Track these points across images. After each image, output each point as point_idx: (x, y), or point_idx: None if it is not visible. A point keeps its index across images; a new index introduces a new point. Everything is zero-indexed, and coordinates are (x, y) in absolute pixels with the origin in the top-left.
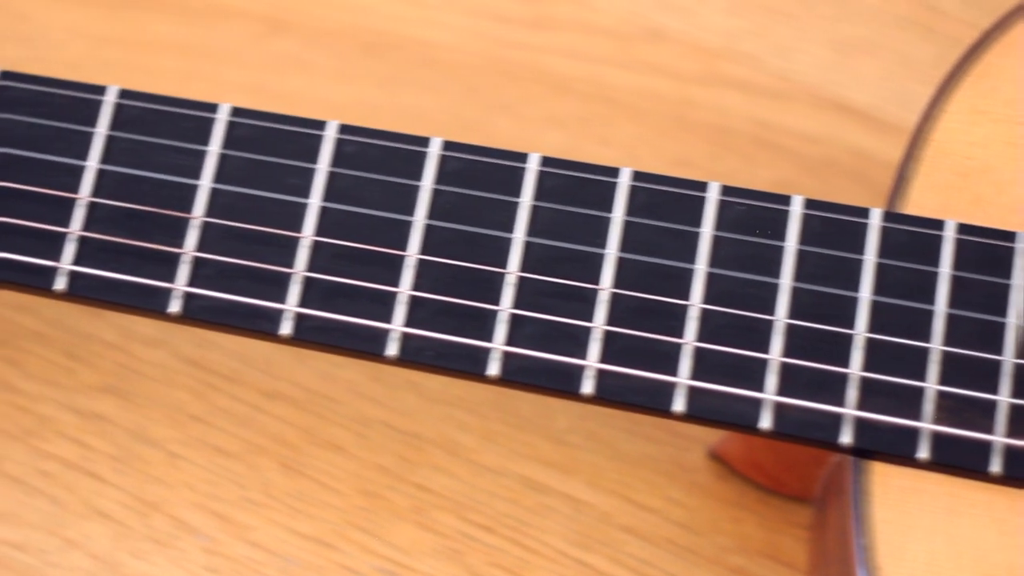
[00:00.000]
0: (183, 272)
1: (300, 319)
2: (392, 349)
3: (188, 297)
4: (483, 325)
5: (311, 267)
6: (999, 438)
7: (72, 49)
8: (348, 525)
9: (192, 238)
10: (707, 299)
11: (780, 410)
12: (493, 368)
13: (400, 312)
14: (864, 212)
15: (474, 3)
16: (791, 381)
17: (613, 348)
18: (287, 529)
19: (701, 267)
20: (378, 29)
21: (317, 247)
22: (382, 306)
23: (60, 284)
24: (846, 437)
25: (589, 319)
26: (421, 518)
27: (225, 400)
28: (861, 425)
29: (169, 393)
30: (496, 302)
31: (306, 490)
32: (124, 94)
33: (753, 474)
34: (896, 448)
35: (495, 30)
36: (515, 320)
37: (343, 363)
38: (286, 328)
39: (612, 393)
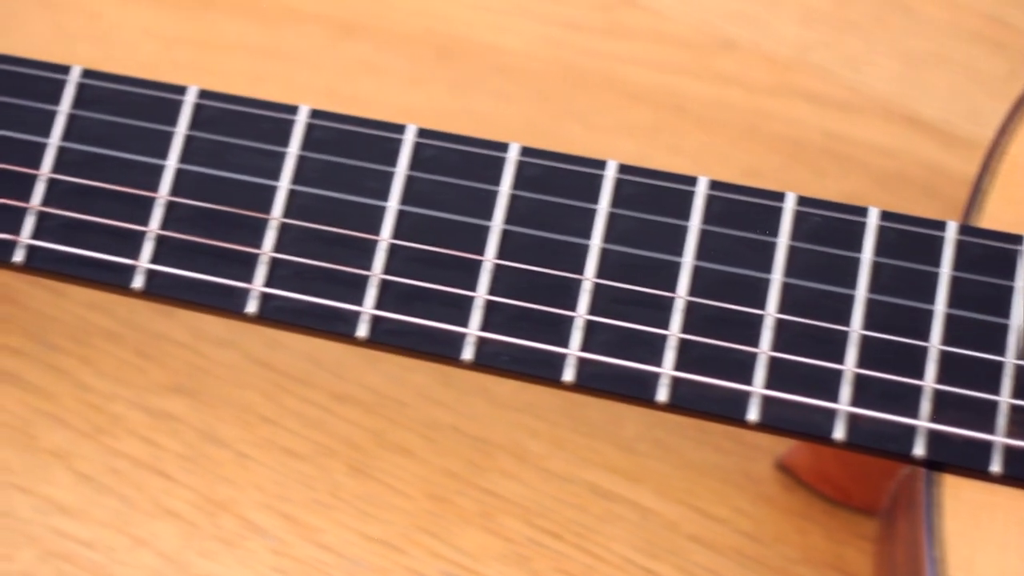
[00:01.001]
0: (260, 272)
1: (376, 321)
2: (468, 353)
3: (265, 297)
4: (559, 331)
5: (388, 270)
6: None
7: (144, 49)
8: (415, 528)
9: (270, 239)
10: (782, 309)
11: (853, 421)
12: (568, 374)
13: (476, 316)
14: (940, 225)
15: (548, 10)
16: (865, 392)
17: (688, 356)
18: (355, 531)
19: (777, 277)
20: (451, 34)
21: (394, 250)
22: (458, 310)
23: (137, 282)
24: (919, 449)
25: (665, 327)
26: (488, 523)
27: (295, 402)
28: (934, 437)
29: (239, 394)
30: (572, 308)
31: (374, 493)
32: (204, 94)
33: (820, 485)
34: (969, 461)
35: (568, 37)
36: (591, 326)
37: (413, 366)
38: (362, 330)
39: (687, 401)
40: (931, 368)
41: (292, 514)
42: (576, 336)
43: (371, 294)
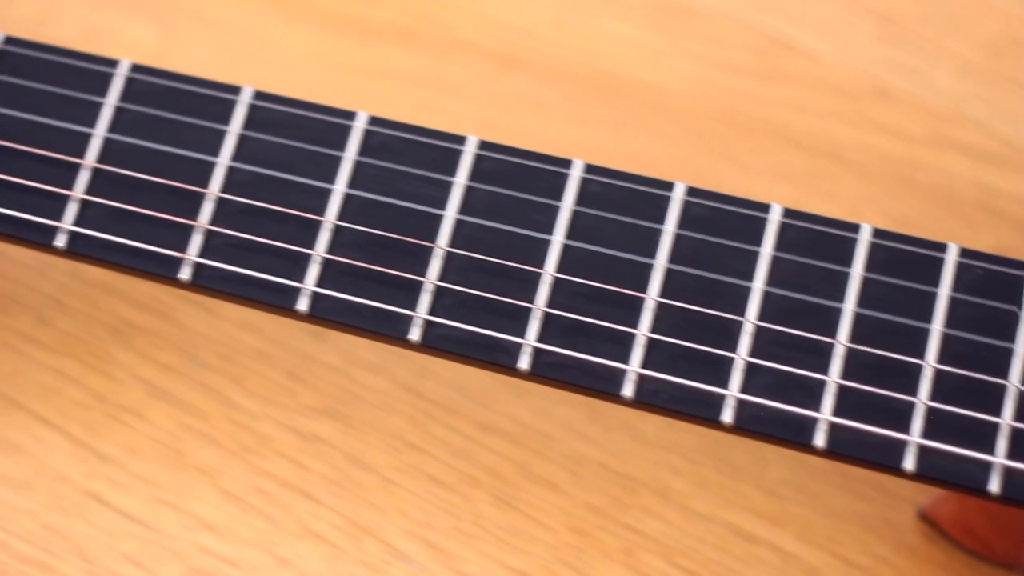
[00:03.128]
0: (424, 300)
1: (538, 354)
2: (628, 390)
3: (428, 325)
4: (719, 371)
5: (551, 303)
6: None
7: (309, 74)
8: (557, 561)
9: (434, 268)
10: (942, 359)
11: (1009, 474)
12: (727, 415)
13: (637, 353)
14: None
15: (706, 52)
16: (1022, 447)
17: (846, 402)
18: (497, 561)
19: (937, 327)
20: (611, 72)
21: (558, 284)
22: (620, 346)
23: (302, 305)
24: None
25: (824, 372)
26: (630, 559)
27: (442, 430)
28: None
29: (387, 419)
30: (733, 349)
31: (517, 524)
32: (374, 121)
33: (963, 537)
34: None
35: (727, 80)
36: (751, 368)
37: (560, 399)
38: (524, 363)
39: (843, 447)
40: None
41: (435, 541)
42: (736, 377)
43: (534, 327)
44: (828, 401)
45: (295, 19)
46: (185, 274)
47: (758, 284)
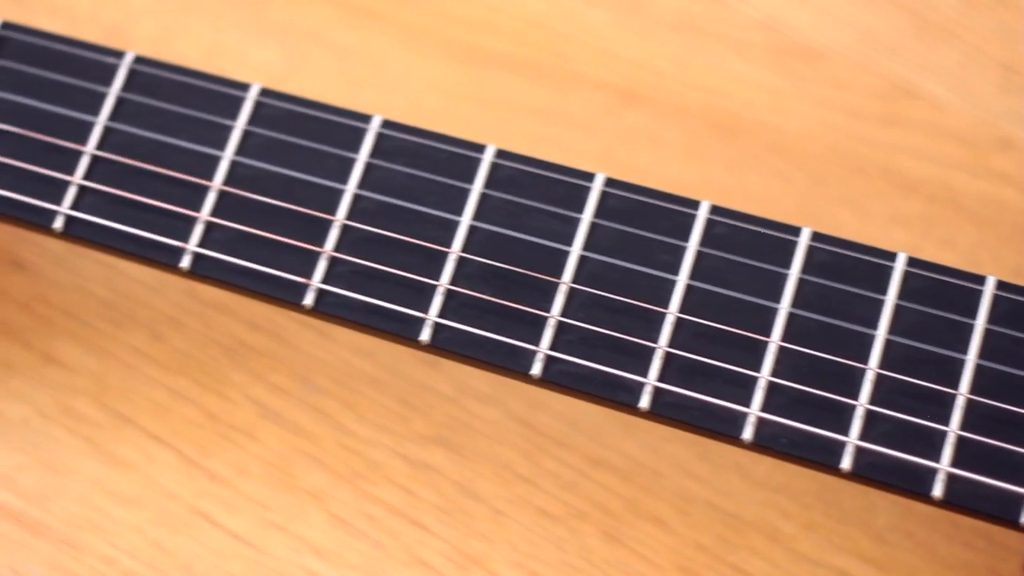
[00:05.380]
0: (547, 335)
1: (658, 393)
2: (747, 433)
3: (550, 360)
4: (839, 418)
5: (673, 343)
6: None
7: (427, 102)
8: None
9: (558, 303)
10: None
11: None
12: (846, 462)
13: (758, 397)
14: None
15: (827, 95)
16: None
17: (965, 454)
18: None
19: None
20: (731, 111)
21: (680, 324)
22: (741, 389)
23: (424, 335)
24: None
25: (945, 423)
26: None
27: (552, 463)
28: None
29: (498, 450)
30: (854, 396)
31: (625, 560)
32: (500, 154)
33: None
34: None
35: (847, 123)
36: (871, 416)
37: (671, 437)
38: (644, 401)
39: (961, 498)
40: None
41: (542, 574)
42: (857, 425)
43: (655, 366)
44: (947, 452)
45: (417, 47)
46: (309, 300)
47: (880, 332)
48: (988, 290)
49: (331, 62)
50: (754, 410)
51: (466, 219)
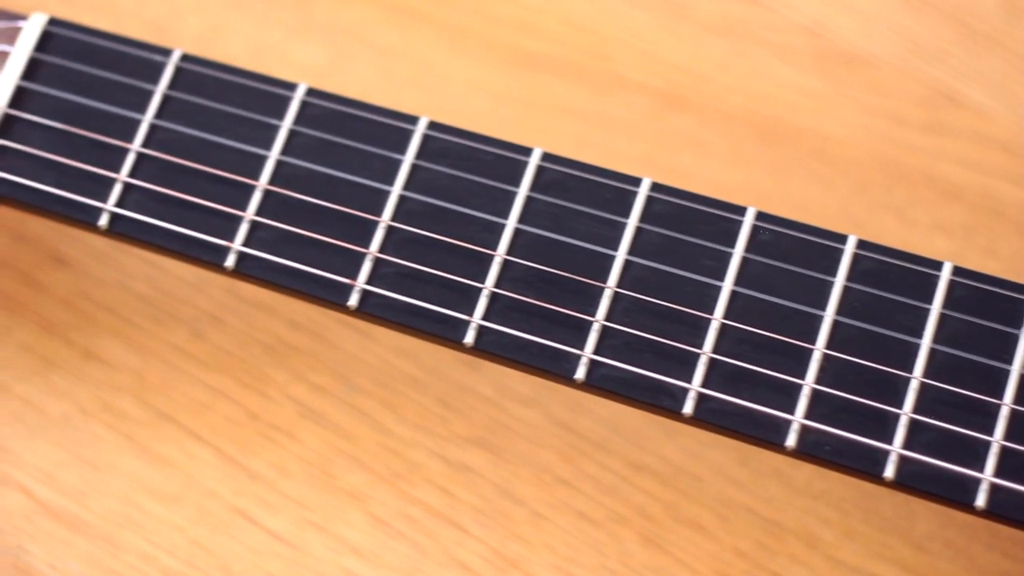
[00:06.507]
0: (591, 340)
1: (702, 399)
2: (791, 440)
3: (593, 364)
4: (883, 426)
5: (717, 349)
6: None
7: (471, 104)
8: None
9: (603, 307)
10: None
11: None
12: (889, 470)
13: (802, 404)
14: None
15: (871, 101)
16: None
17: (1009, 464)
18: None
19: None
20: (774, 116)
21: (724, 330)
22: (785, 396)
23: (468, 338)
24: None
25: (989, 433)
26: None
27: (592, 466)
28: None
29: (538, 453)
30: (898, 405)
31: (664, 565)
32: (546, 157)
33: None
34: None
35: (891, 130)
36: (915, 425)
37: (712, 442)
38: (688, 407)
39: (1004, 508)
40: None
41: None
42: (900, 433)
43: (699, 372)
44: (991, 462)
45: (461, 48)
46: (353, 301)
47: (925, 341)
48: None
49: (374, 62)
50: (798, 417)
51: (511, 222)
